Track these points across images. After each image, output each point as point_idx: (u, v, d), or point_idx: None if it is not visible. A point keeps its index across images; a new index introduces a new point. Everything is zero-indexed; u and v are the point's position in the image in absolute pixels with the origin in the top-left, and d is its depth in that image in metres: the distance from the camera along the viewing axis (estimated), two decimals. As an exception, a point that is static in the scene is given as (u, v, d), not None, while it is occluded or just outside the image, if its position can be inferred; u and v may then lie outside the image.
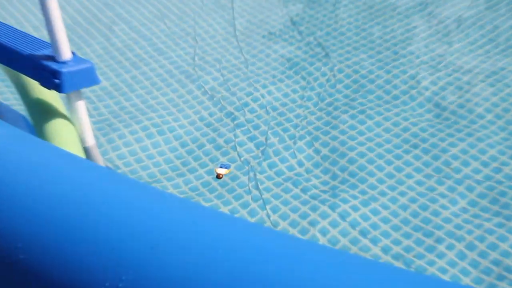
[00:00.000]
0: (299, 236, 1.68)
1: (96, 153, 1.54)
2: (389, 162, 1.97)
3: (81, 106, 1.46)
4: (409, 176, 1.92)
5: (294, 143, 2.08)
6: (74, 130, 1.47)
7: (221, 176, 1.95)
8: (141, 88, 2.33)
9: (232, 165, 2.00)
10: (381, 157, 1.99)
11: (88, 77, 1.43)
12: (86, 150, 1.50)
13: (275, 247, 0.77)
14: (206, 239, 0.78)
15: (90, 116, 2.10)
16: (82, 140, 1.49)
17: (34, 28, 2.63)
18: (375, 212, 1.79)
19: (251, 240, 0.79)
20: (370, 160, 1.97)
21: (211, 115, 2.21)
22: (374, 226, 1.74)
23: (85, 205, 0.85)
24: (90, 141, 1.51)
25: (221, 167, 1.99)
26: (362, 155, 1.99)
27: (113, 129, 2.11)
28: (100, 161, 1.57)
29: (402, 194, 1.86)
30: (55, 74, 1.38)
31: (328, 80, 2.35)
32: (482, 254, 1.63)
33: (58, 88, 1.40)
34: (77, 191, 0.88)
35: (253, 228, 0.83)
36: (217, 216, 0.85)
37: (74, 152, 1.12)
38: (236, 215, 1.77)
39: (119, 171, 1.93)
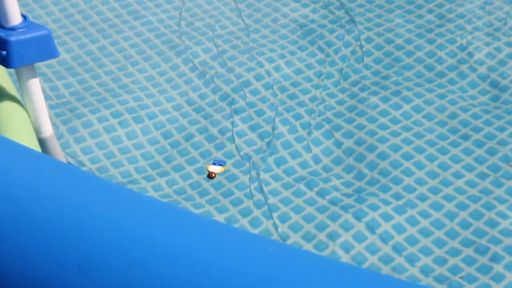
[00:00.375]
0: (315, 252, 1.68)
1: (55, 146, 1.54)
2: (431, 158, 1.97)
3: (35, 85, 1.46)
4: (457, 175, 1.92)
5: (309, 133, 2.08)
6: (27, 116, 1.48)
7: (213, 175, 1.95)
8: (112, 62, 2.34)
9: (229, 162, 2.00)
10: (421, 151, 1.99)
11: (43, 48, 1.43)
12: (41, 142, 1.50)
13: (284, 266, 0.78)
14: (196, 256, 0.78)
15: (47, 98, 2.10)
16: (36, 130, 1.50)
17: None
18: (412, 221, 1.79)
19: (254, 258, 0.79)
20: (407, 155, 1.97)
21: (202, 97, 2.21)
22: (412, 240, 1.74)
23: (41, 213, 0.85)
24: (47, 131, 1.52)
25: (214, 164, 1.99)
26: (396, 148, 1.99)
27: (76, 115, 2.11)
28: (60, 155, 1.57)
29: (448, 198, 1.86)
30: (1, 43, 1.38)
31: (353, 53, 2.35)
32: (551, 276, 1.63)
33: (5, 61, 1.40)
34: (30, 194, 0.88)
35: (256, 242, 0.84)
36: (209, 227, 0.85)
37: (26, 145, 1.13)
38: (235, 226, 1.78)
39: (84, 168, 1.94)
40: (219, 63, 2.32)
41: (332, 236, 1.75)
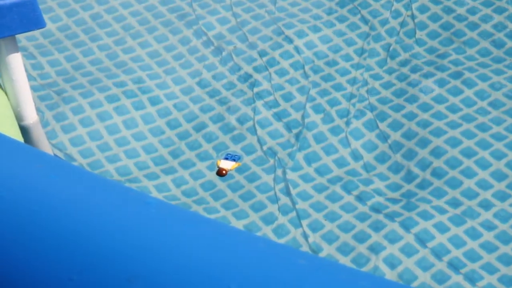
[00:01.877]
0: (353, 267, 1.69)
1: (40, 135, 1.57)
2: (498, 155, 1.96)
3: (16, 62, 1.48)
4: (529, 177, 1.91)
5: (347, 123, 2.08)
6: (6, 99, 1.50)
7: (224, 172, 1.96)
8: (108, 35, 2.35)
9: (249, 158, 2.01)
10: (485, 147, 1.98)
11: (26, 16, 1.44)
12: (24, 130, 1.53)
13: (317, 283, 0.78)
14: (210, 268, 0.79)
15: (29, 78, 2.12)
16: (18, 116, 1.52)
17: None
18: (473, 233, 1.79)
19: (281, 272, 0.80)
20: (468, 151, 1.97)
21: (217, 78, 2.22)
22: (472, 256, 1.74)
23: (24, 217, 0.87)
24: (31, 117, 1.54)
25: (226, 158, 2.00)
26: (455, 143, 1.99)
27: (64, 99, 2.13)
28: (46, 146, 1.59)
29: (518, 206, 1.85)
30: (-23, 12, 1.40)
31: (402, 25, 2.34)
32: None
33: (-20, 33, 1.42)
34: (11, 194, 0.90)
35: (283, 253, 0.84)
36: (226, 234, 0.86)
37: (6, 134, 1.15)
38: (256, 235, 1.79)
39: (74, 163, 1.96)
40: (238, 37, 2.33)
41: (375, 249, 1.75)
